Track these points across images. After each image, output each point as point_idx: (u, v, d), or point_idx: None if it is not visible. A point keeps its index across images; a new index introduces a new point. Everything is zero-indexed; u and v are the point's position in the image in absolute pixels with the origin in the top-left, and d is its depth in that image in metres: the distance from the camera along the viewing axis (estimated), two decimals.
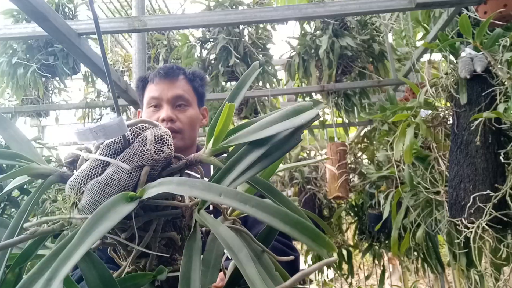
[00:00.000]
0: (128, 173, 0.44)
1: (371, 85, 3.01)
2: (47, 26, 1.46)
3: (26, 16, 2.35)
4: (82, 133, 0.45)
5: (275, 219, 0.35)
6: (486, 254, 1.45)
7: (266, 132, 0.44)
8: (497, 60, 1.50)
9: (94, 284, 0.38)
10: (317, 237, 0.35)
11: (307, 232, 0.35)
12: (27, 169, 0.45)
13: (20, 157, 0.47)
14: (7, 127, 0.51)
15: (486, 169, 1.43)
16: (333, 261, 0.30)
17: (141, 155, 0.46)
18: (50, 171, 0.47)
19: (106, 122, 0.45)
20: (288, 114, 0.46)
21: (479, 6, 1.76)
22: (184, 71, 1.18)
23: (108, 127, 0.45)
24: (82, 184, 0.44)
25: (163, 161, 0.47)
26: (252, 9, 2.23)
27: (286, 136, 0.45)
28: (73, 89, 3.80)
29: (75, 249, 0.33)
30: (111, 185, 0.44)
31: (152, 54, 3.43)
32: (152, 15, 3.39)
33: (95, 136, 0.45)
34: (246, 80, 0.57)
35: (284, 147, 0.45)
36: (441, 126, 1.76)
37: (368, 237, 2.95)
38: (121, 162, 0.45)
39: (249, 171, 0.44)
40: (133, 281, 0.43)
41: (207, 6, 3.10)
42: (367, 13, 2.83)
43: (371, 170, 2.70)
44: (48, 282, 0.31)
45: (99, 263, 0.39)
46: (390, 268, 4.15)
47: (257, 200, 0.36)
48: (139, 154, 0.46)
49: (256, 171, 0.44)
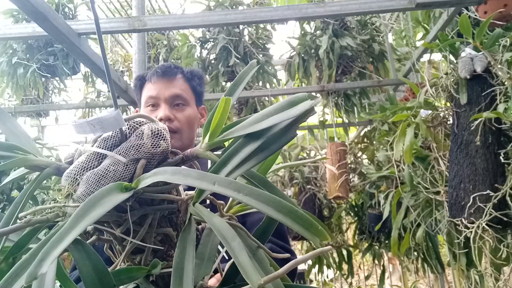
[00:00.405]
0: (124, 165, 0.44)
1: (371, 85, 3.01)
2: (47, 26, 1.46)
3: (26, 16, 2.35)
4: (79, 125, 0.45)
5: (268, 207, 0.35)
6: (486, 254, 1.45)
7: (262, 125, 0.44)
8: (497, 60, 1.50)
9: (88, 274, 0.38)
10: (310, 226, 0.35)
11: (300, 220, 0.35)
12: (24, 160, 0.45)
13: (18, 148, 0.47)
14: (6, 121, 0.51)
15: (486, 169, 1.43)
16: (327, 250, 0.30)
17: (138, 149, 0.46)
18: (47, 164, 0.47)
19: (103, 115, 0.45)
20: (283, 107, 0.46)
21: (479, 6, 1.76)
22: (182, 70, 1.17)
23: (105, 120, 0.45)
24: (78, 175, 0.44)
25: (159, 155, 0.47)
26: (252, 9, 2.23)
27: (282, 129, 0.45)
28: (73, 89, 3.80)
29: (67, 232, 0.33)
30: (107, 176, 0.44)
31: (152, 54, 3.42)
32: (152, 15, 3.39)
33: (92, 129, 0.45)
34: (244, 77, 0.57)
35: (281, 141, 0.45)
36: (441, 126, 1.76)
37: (368, 237, 2.95)
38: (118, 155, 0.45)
39: (245, 164, 0.44)
40: (127, 274, 0.43)
41: (207, 6, 3.10)
42: (367, 13, 2.83)
43: (371, 170, 2.70)
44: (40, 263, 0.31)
45: (94, 254, 0.39)
46: (390, 268, 4.15)
47: (251, 188, 0.36)
48: (136, 148, 0.46)
49: (252, 164, 0.44)
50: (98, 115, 0.45)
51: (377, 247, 2.98)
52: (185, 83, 1.16)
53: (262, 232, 0.51)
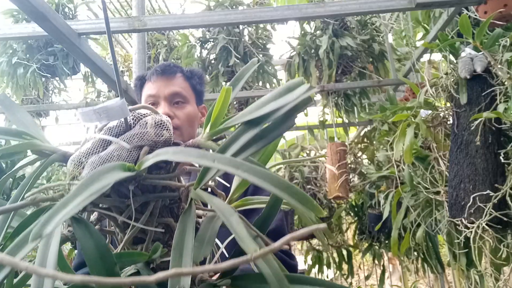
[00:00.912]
0: (128, 151, 0.46)
1: (371, 85, 3.01)
2: (47, 26, 1.46)
3: (26, 16, 2.35)
4: (85, 113, 0.47)
5: (266, 183, 0.36)
6: (486, 254, 1.45)
7: (261, 111, 0.45)
8: (497, 60, 1.50)
9: (90, 252, 0.39)
10: (306, 201, 0.37)
11: (296, 196, 0.37)
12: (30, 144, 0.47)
13: (26, 134, 0.49)
14: (16, 111, 0.54)
15: (486, 169, 1.43)
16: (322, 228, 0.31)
17: (141, 136, 0.48)
18: (54, 150, 0.48)
19: (109, 103, 0.46)
20: (281, 92, 0.47)
21: (479, 6, 1.76)
22: (182, 69, 1.17)
23: (111, 109, 0.46)
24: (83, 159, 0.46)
25: (162, 144, 0.49)
26: (252, 9, 2.23)
27: (281, 117, 0.46)
28: (73, 89, 3.80)
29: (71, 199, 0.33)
30: (111, 160, 0.45)
31: (152, 54, 3.42)
32: (152, 15, 3.39)
33: (98, 118, 0.47)
34: (244, 74, 0.58)
35: (280, 129, 0.46)
36: (441, 126, 1.76)
37: (368, 237, 2.95)
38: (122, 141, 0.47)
39: (244, 152, 0.44)
40: (129, 258, 0.45)
41: (207, 6, 3.10)
42: (367, 13, 2.83)
43: (371, 170, 2.70)
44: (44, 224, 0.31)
45: (96, 233, 0.40)
46: (390, 268, 4.15)
47: (249, 165, 0.37)
48: (139, 135, 0.48)
49: (251, 151, 0.45)
50: (104, 103, 0.47)
51: (377, 247, 2.98)
52: (184, 82, 1.16)
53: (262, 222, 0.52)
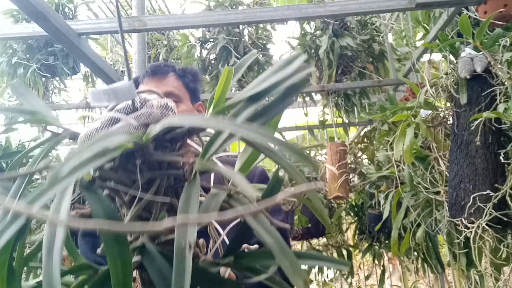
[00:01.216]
0: (135, 128, 0.49)
1: (371, 85, 3.01)
2: (47, 26, 1.46)
3: (26, 16, 2.35)
4: (96, 94, 0.50)
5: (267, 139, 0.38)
6: (486, 254, 1.45)
7: (261, 86, 0.46)
8: (497, 60, 1.50)
9: (99, 216, 0.41)
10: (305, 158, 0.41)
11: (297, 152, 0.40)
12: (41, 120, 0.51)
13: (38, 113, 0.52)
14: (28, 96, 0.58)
15: (486, 169, 1.43)
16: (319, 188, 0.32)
17: (147, 115, 0.50)
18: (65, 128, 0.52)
19: (117, 84, 0.49)
20: (280, 66, 0.48)
21: (479, 6, 1.76)
22: (174, 68, 1.16)
23: (119, 90, 0.49)
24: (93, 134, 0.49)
25: None
26: (252, 9, 2.23)
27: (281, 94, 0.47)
28: (73, 89, 3.80)
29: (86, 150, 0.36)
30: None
31: (152, 54, 3.43)
32: (152, 15, 3.39)
33: (107, 98, 0.50)
34: (244, 63, 0.60)
35: (280, 105, 0.47)
36: (441, 126, 1.76)
37: (368, 237, 2.94)
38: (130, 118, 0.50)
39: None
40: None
41: (207, 6, 3.09)
42: (367, 13, 2.83)
43: (371, 170, 2.70)
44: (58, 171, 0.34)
45: (104, 199, 0.42)
46: (390, 268, 4.15)
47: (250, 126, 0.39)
48: (146, 114, 0.50)
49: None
50: (112, 84, 0.49)
51: (377, 247, 2.98)
52: (177, 80, 1.14)
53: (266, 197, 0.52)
